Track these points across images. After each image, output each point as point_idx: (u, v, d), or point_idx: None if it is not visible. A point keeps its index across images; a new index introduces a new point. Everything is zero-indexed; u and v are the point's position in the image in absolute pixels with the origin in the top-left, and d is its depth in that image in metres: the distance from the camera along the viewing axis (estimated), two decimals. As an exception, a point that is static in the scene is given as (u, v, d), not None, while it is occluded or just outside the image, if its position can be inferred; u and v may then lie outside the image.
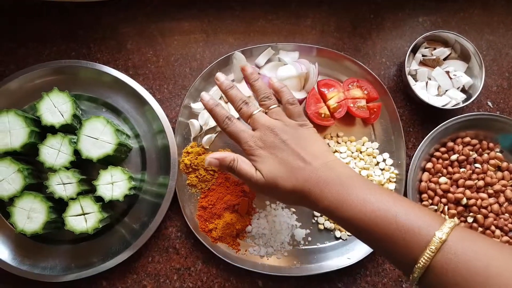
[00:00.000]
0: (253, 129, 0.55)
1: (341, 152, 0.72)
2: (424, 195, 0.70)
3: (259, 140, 0.53)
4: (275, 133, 0.53)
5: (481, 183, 0.70)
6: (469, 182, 0.70)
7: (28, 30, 0.74)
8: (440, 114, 0.73)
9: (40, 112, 0.63)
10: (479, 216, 0.69)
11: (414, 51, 0.74)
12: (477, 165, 0.71)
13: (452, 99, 0.72)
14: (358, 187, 0.48)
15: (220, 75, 0.60)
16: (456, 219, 0.69)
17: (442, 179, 0.70)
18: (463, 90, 0.73)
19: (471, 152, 0.71)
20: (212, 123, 0.71)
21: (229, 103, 0.72)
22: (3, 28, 0.73)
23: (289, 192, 0.51)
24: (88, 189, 0.65)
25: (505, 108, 0.77)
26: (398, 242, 0.43)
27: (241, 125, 0.56)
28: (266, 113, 0.57)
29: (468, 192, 0.69)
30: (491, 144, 0.72)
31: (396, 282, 0.70)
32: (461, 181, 0.70)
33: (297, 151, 0.51)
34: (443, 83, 0.72)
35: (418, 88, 0.72)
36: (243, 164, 0.54)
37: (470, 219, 0.69)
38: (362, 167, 0.71)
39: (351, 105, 0.71)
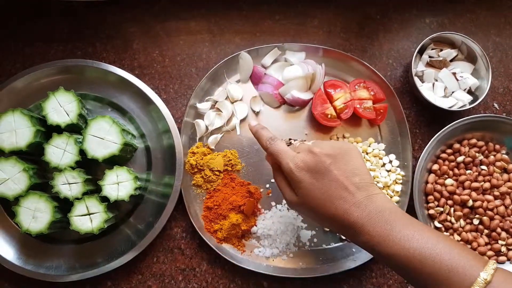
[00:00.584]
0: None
1: (347, 153, 0.72)
2: (430, 197, 0.70)
3: (301, 162, 0.51)
4: (318, 156, 0.50)
5: (487, 185, 0.70)
6: (475, 184, 0.69)
7: (34, 29, 0.73)
8: (447, 115, 0.73)
9: (45, 111, 0.63)
10: (485, 218, 0.68)
11: (421, 52, 0.74)
12: (483, 167, 0.71)
13: (459, 100, 0.72)
14: (402, 224, 0.47)
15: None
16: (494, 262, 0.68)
17: (448, 181, 0.70)
18: (469, 92, 0.73)
19: (477, 154, 0.71)
20: (217, 123, 0.71)
21: (238, 102, 0.72)
22: (9, 27, 0.73)
23: (325, 219, 0.50)
24: (93, 189, 0.65)
25: (512, 110, 0.77)
26: (441, 281, 0.43)
27: (283, 145, 0.55)
28: None
29: (474, 194, 0.69)
30: (497, 146, 0.72)
31: (402, 284, 0.70)
32: (467, 183, 0.70)
33: (340, 180, 0.49)
34: (449, 84, 0.72)
35: (425, 89, 0.72)
36: (281, 179, 0.55)
37: (476, 221, 0.69)
38: (368, 168, 0.71)
39: (358, 106, 0.71)
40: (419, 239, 0.45)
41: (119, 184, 0.63)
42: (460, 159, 0.71)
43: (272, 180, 0.71)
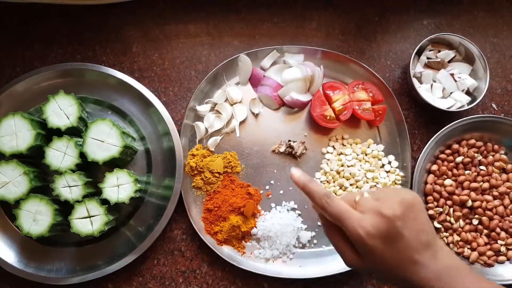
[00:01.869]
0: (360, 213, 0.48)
1: (346, 155, 0.72)
2: (430, 197, 0.70)
3: (372, 228, 0.45)
4: (392, 221, 0.46)
5: (486, 185, 0.70)
6: (474, 184, 0.70)
7: (34, 32, 0.74)
8: (445, 116, 0.73)
9: (46, 114, 0.63)
10: (484, 218, 0.69)
11: (419, 53, 0.74)
12: (482, 167, 0.71)
13: (457, 101, 0.72)
14: (467, 282, 0.46)
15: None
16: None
17: (447, 181, 0.70)
18: (467, 93, 0.73)
19: (476, 154, 0.71)
20: (217, 125, 0.71)
21: (237, 104, 0.72)
22: (9, 30, 0.74)
23: (392, 280, 0.49)
24: (93, 191, 0.65)
25: (510, 110, 0.77)
26: None
27: (344, 204, 0.48)
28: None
29: (473, 194, 0.69)
30: (496, 146, 0.72)
31: (402, 284, 0.70)
32: (466, 183, 0.70)
33: (412, 244, 0.46)
34: (448, 85, 0.73)
35: (423, 90, 0.72)
36: (336, 237, 0.50)
37: (475, 221, 0.69)
38: (367, 170, 0.71)
39: (356, 107, 0.71)
40: None
41: (120, 186, 0.63)
42: (459, 159, 0.71)
43: (272, 182, 0.71)
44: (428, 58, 0.74)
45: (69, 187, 0.62)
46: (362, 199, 0.49)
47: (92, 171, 0.67)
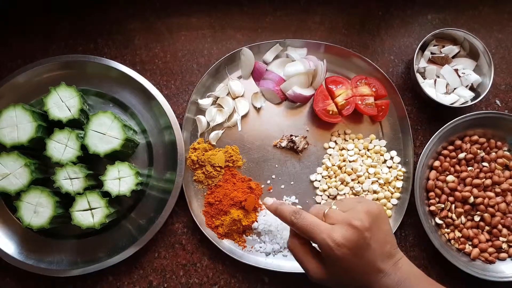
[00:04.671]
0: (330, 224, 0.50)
1: (348, 150, 0.72)
2: (431, 193, 0.70)
3: (342, 238, 0.47)
4: (361, 232, 0.47)
5: (488, 181, 0.69)
6: (476, 181, 0.69)
7: (35, 24, 0.73)
8: (448, 112, 0.73)
9: (47, 106, 0.63)
10: (486, 215, 0.68)
11: (423, 48, 0.74)
12: (485, 163, 0.71)
13: (461, 97, 0.71)
14: (424, 287, 0.49)
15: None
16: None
17: (450, 178, 0.70)
18: (471, 88, 0.73)
19: (479, 151, 0.71)
20: (219, 119, 0.71)
21: (239, 98, 0.72)
22: (11, 22, 0.73)
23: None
24: (95, 184, 0.65)
25: (514, 106, 0.77)
26: None
27: (312, 217, 0.49)
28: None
29: (475, 190, 0.69)
30: (499, 143, 0.72)
31: (402, 280, 0.70)
32: (468, 180, 0.69)
33: (377, 253, 0.49)
34: (451, 81, 0.72)
35: (427, 86, 0.72)
36: (301, 250, 0.51)
37: (477, 218, 0.69)
38: (369, 165, 0.71)
39: (359, 102, 0.71)
40: None
41: (121, 179, 0.63)
42: (461, 155, 0.71)
43: (273, 176, 0.71)
44: (432, 53, 0.73)
45: (70, 179, 0.62)
46: (330, 211, 0.50)
47: (93, 164, 0.67)
